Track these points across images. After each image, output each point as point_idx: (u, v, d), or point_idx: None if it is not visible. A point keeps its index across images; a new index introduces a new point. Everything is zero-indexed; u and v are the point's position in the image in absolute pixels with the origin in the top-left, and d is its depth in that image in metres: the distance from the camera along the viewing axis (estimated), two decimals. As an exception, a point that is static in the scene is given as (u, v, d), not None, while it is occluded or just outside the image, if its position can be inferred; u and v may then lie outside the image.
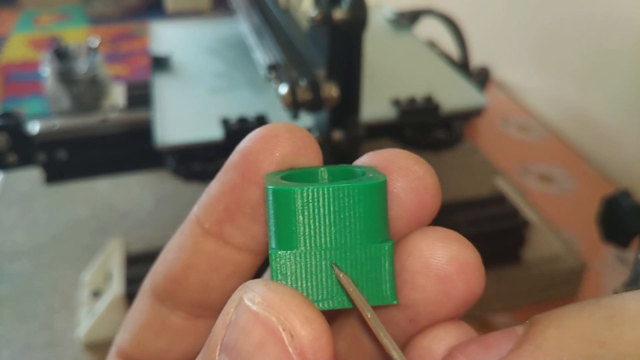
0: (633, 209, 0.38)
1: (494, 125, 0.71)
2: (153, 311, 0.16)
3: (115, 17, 1.13)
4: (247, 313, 0.11)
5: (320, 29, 0.36)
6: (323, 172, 0.14)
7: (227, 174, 0.14)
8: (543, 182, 0.61)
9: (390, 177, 0.13)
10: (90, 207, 0.56)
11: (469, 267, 0.12)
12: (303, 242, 0.12)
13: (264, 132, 0.13)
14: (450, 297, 0.12)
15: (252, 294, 0.11)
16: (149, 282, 0.16)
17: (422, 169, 0.13)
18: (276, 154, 0.13)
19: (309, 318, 0.11)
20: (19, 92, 0.86)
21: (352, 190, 0.12)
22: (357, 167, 0.13)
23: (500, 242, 0.47)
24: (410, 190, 0.13)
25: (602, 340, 0.10)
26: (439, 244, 0.12)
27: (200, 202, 0.15)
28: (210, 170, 0.44)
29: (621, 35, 0.59)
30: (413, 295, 0.12)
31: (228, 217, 0.14)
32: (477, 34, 0.64)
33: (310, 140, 0.14)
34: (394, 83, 0.51)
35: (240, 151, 0.14)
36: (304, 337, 0.10)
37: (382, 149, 0.14)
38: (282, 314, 0.11)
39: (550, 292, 0.46)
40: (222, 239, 0.14)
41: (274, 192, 0.12)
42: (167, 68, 0.54)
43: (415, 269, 0.12)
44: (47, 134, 0.45)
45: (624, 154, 0.62)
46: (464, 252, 0.12)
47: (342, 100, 0.36)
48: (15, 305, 0.46)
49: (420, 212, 0.13)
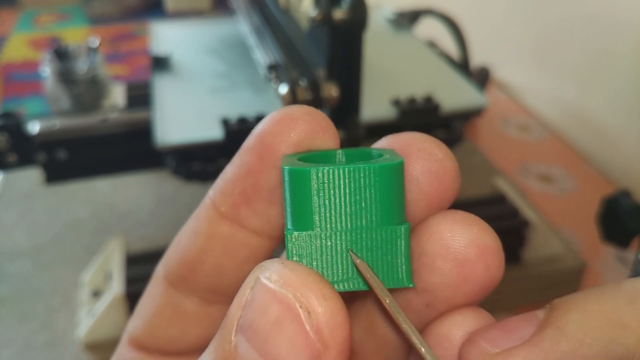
0: (633, 209, 0.38)
1: (494, 125, 0.71)
2: (166, 297, 0.16)
3: (115, 17, 1.13)
4: (264, 291, 0.11)
5: (320, 29, 0.36)
6: (340, 155, 0.14)
7: (244, 156, 0.14)
8: (543, 182, 0.61)
9: (409, 160, 0.13)
10: (90, 207, 0.56)
11: (488, 250, 0.12)
12: (319, 223, 0.12)
13: (281, 114, 0.13)
14: (468, 281, 0.12)
15: (269, 272, 0.11)
16: (162, 268, 0.16)
17: (442, 153, 0.13)
18: (293, 137, 0.13)
19: (325, 295, 0.11)
20: (19, 92, 0.86)
21: (368, 170, 0.12)
22: (374, 150, 0.13)
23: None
24: (429, 173, 0.13)
25: (624, 322, 0.10)
26: (459, 227, 0.12)
27: (216, 186, 0.15)
28: (210, 170, 0.44)
29: (621, 35, 0.59)
30: (431, 278, 0.12)
31: (244, 201, 0.14)
32: (477, 34, 0.64)
33: (328, 124, 0.13)
34: (394, 83, 0.51)
35: (257, 134, 0.13)
36: (320, 314, 0.10)
37: None
38: (298, 290, 0.11)
39: (550, 292, 0.46)
40: (238, 222, 0.14)
41: (290, 172, 0.12)
42: (167, 68, 0.54)
43: (434, 251, 0.12)
44: (47, 134, 0.45)
45: (624, 154, 0.62)
46: (485, 236, 0.12)
47: (342, 100, 0.36)
48: (15, 305, 0.46)
49: (440, 196, 0.13)
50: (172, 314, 0.16)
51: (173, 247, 0.16)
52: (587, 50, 0.65)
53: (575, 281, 0.47)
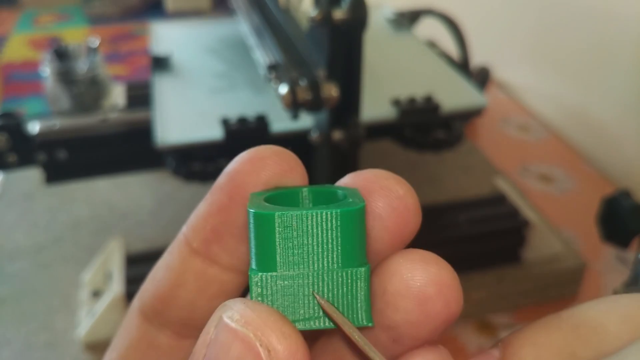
0: (633, 209, 0.38)
1: (494, 125, 0.71)
2: (141, 331, 0.16)
3: (115, 17, 1.13)
4: (226, 330, 0.11)
5: (320, 29, 0.36)
6: (306, 193, 0.14)
7: (215, 195, 0.14)
8: (543, 182, 0.61)
9: (372, 198, 0.13)
10: (90, 207, 0.56)
11: (447, 288, 0.12)
12: (282, 265, 0.12)
13: (251, 154, 0.14)
14: (430, 317, 0.12)
15: (232, 311, 0.11)
16: (138, 301, 0.16)
17: (403, 189, 0.13)
18: (262, 176, 0.14)
19: (285, 333, 0.11)
20: (19, 92, 0.86)
21: (330, 215, 0.12)
22: (339, 189, 0.14)
23: (500, 242, 0.47)
24: (391, 209, 0.13)
25: (572, 350, 0.11)
26: (418, 266, 0.13)
27: (189, 222, 0.15)
28: (210, 170, 0.44)
29: (621, 35, 0.59)
30: (395, 316, 0.13)
31: (215, 238, 0.14)
32: (477, 34, 0.64)
33: (296, 163, 0.14)
34: (394, 83, 0.51)
35: (228, 173, 0.14)
36: (280, 351, 0.11)
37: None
38: (259, 329, 0.11)
39: (550, 292, 0.46)
40: (209, 258, 0.15)
41: (255, 215, 0.12)
42: (167, 68, 0.54)
43: (396, 291, 0.13)
44: (47, 134, 0.45)
45: (624, 154, 0.62)
46: (443, 273, 0.12)
47: (342, 100, 0.36)
48: (15, 305, 0.46)
49: (402, 231, 0.13)
50: (147, 348, 0.16)
51: (148, 280, 0.16)
52: (588, 50, 0.65)
53: (575, 281, 0.47)
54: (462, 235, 0.46)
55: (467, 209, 0.49)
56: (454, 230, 0.46)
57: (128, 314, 0.17)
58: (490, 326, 0.44)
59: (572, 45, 0.67)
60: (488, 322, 0.45)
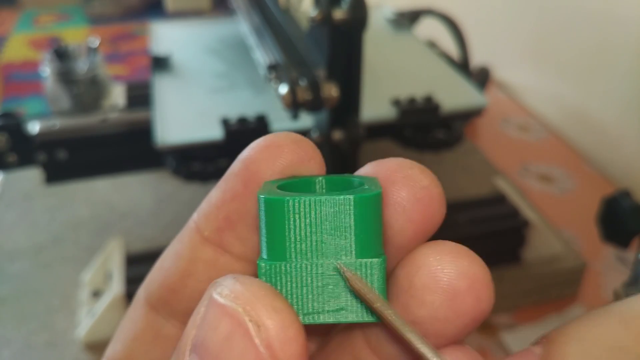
0: (633, 209, 0.38)
1: (494, 125, 0.71)
2: (147, 321, 0.16)
3: (115, 17, 1.13)
4: (215, 307, 0.11)
5: (320, 29, 0.36)
6: (321, 182, 0.13)
7: (229, 182, 0.14)
8: (543, 182, 0.61)
9: (395, 188, 0.12)
10: (90, 207, 0.56)
11: (479, 283, 0.12)
12: (293, 254, 0.12)
13: (267, 141, 0.13)
14: (459, 314, 0.12)
15: (221, 287, 0.11)
16: (144, 291, 0.16)
17: (428, 179, 0.13)
18: (278, 164, 0.13)
19: (276, 308, 0.10)
20: (19, 92, 0.86)
21: (344, 201, 0.11)
22: (356, 177, 0.13)
23: (500, 242, 0.47)
24: (415, 200, 0.12)
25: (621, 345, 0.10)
26: (447, 258, 0.12)
27: (200, 210, 0.14)
28: (210, 170, 0.44)
29: (621, 36, 0.59)
30: (420, 312, 0.12)
31: (228, 226, 0.14)
32: (477, 34, 0.64)
33: (314, 151, 0.13)
34: (394, 83, 0.51)
35: (243, 160, 0.13)
36: (270, 327, 0.10)
37: (385, 157, 0.13)
38: (248, 304, 0.10)
39: (550, 292, 0.46)
40: (222, 247, 0.14)
41: (266, 201, 0.12)
42: (167, 68, 0.54)
43: (422, 285, 0.12)
44: (47, 134, 0.45)
45: (624, 154, 0.62)
46: (475, 267, 0.12)
47: (342, 100, 0.36)
48: (15, 305, 0.46)
49: (426, 223, 0.13)
50: (153, 338, 0.16)
51: (155, 270, 0.16)
52: (588, 50, 0.65)
53: (575, 281, 0.47)
54: (462, 235, 0.46)
55: (467, 209, 0.49)
56: (453, 230, 0.46)
57: (132, 305, 0.16)
58: (490, 326, 0.44)
59: (572, 45, 0.67)
60: (488, 322, 0.45)
